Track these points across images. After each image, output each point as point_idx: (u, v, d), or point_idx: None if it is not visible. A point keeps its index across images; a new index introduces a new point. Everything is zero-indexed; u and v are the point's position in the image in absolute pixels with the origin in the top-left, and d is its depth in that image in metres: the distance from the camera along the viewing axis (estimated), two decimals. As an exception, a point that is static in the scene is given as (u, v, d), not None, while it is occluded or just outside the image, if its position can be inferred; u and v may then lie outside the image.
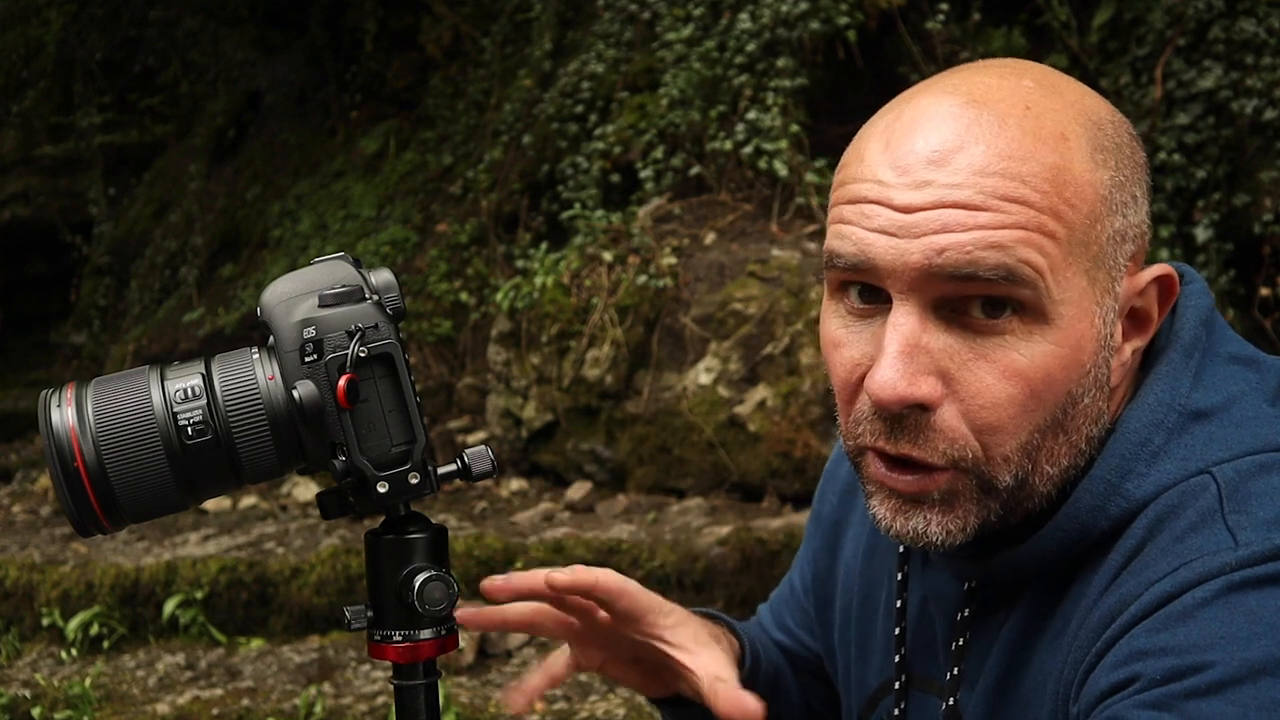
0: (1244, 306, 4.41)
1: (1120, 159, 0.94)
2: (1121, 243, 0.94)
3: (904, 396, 0.91)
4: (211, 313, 7.13)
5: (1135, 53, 4.70)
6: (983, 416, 0.92)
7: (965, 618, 1.05)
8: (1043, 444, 0.93)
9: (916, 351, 0.91)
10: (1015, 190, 0.89)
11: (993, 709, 1.02)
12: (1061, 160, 0.91)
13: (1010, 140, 0.91)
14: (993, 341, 0.91)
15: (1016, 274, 0.89)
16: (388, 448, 0.98)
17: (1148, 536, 0.92)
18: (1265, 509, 0.89)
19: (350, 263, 1.01)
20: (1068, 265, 0.90)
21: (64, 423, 0.95)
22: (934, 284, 0.91)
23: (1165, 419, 0.95)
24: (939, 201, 0.90)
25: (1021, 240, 0.89)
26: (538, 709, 3.63)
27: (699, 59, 5.30)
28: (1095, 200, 0.92)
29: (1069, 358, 0.92)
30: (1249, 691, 0.81)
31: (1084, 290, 0.92)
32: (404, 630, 1.00)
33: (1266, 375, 1.00)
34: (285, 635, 4.30)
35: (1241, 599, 0.85)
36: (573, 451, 5.03)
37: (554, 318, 4.99)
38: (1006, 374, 0.91)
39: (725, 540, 4.11)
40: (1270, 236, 4.32)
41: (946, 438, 0.92)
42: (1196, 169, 4.40)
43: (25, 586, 4.60)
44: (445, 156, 6.85)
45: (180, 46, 8.67)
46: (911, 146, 0.92)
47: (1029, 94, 0.94)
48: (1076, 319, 0.92)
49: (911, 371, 0.91)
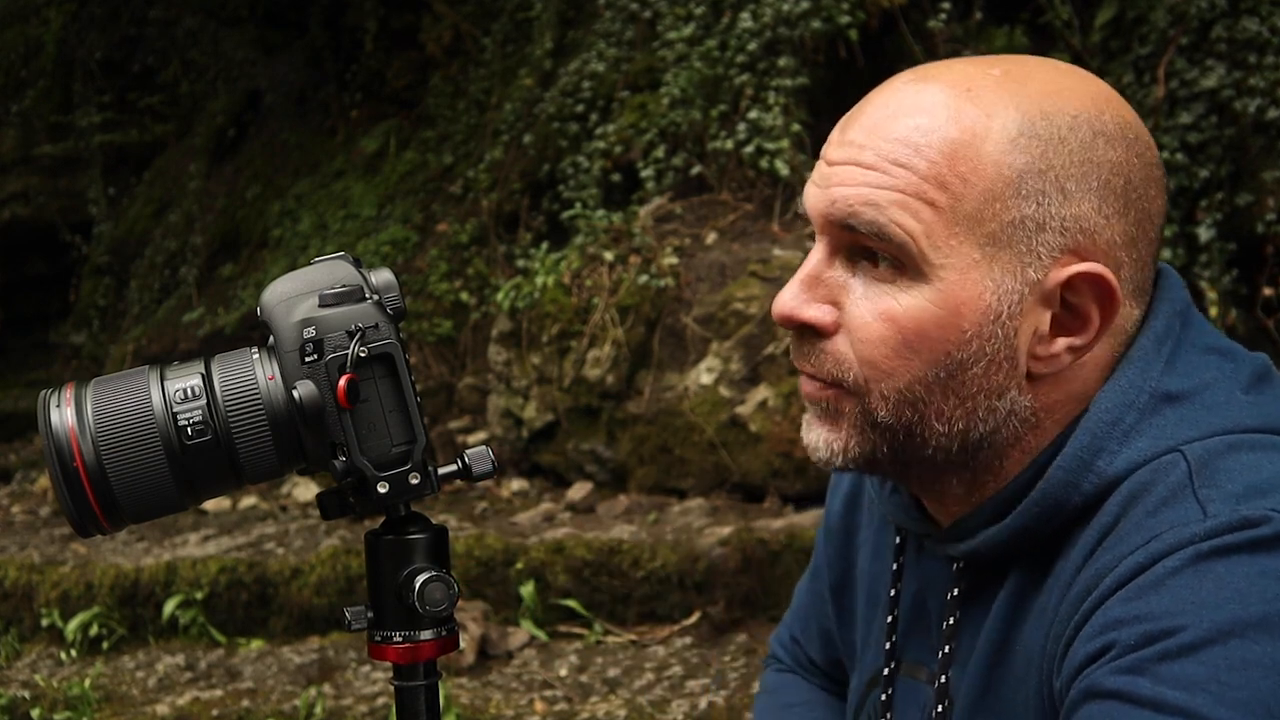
0: (1247, 306, 4.40)
1: (1053, 150, 0.97)
2: (1037, 230, 0.97)
3: (789, 314, 1.05)
4: (211, 313, 7.12)
5: (1137, 52, 4.69)
6: (861, 350, 1.01)
7: (955, 597, 1.09)
8: (927, 398, 1.00)
9: (815, 282, 1.04)
10: (904, 156, 0.97)
11: (984, 686, 1.05)
12: (968, 137, 0.97)
13: (924, 112, 0.98)
14: (879, 287, 1.00)
15: (884, 232, 0.98)
16: (388, 448, 0.98)
17: (1121, 512, 0.96)
18: (1233, 483, 0.93)
19: (350, 262, 1.01)
20: (951, 234, 0.97)
21: (63, 423, 0.95)
22: (832, 229, 1.02)
23: (1137, 399, 1.00)
24: (847, 159, 1.01)
25: (896, 203, 0.97)
26: (538, 709, 3.62)
27: (700, 58, 5.29)
28: (996, 180, 0.97)
29: (944, 319, 0.98)
30: (1218, 652, 0.85)
31: (974, 262, 0.97)
32: (404, 631, 1.00)
33: (1241, 366, 1.04)
34: (285, 636, 4.29)
35: (1210, 567, 0.89)
36: (573, 452, 5.03)
37: (555, 318, 4.98)
38: (882, 316, 1.00)
39: (726, 541, 4.10)
40: (1273, 236, 4.31)
41: (833, 359, 1.03)
42: (1199, 168, 4.39)
43: (24, 587, 4.59)
44: (446, 156, 6.84)
45: (180, 46, 8.66)
46: (860, 114, 1.03)
47: (983, 79, 1.00)
48: (959, 285, 0.97)
49: (805, 297, 1.04)
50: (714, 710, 3.54)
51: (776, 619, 1.50)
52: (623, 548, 4.15)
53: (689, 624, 4.04)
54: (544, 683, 3.79)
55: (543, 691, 3.74)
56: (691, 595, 4.07)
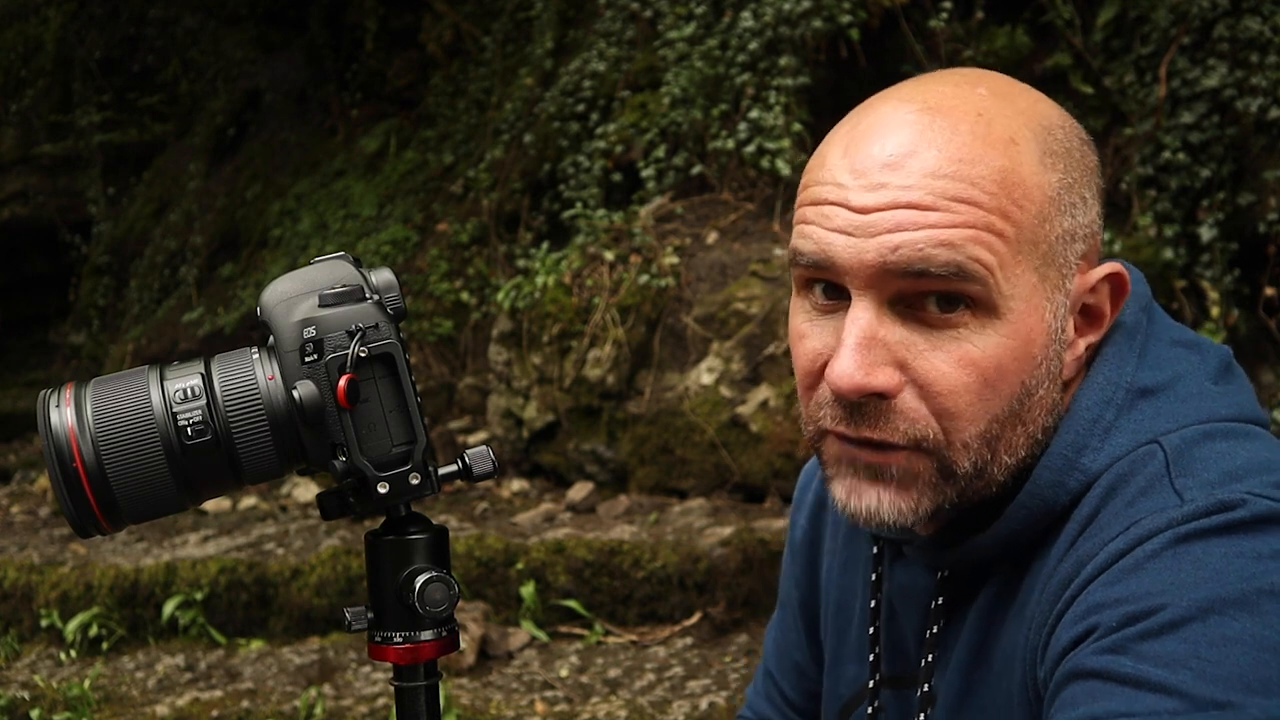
0: (1249, 306, 4.40)
1: (1069, 162, 1.00)
2: (1071, 242, 1.00)
3: (861, 386, 0.97)
4: (211, 312, 7.12)
5: (1139, 51, 4.69)
6: (940, 402, 0.98)
7: (939, 605, 1.09)
8: (1002, 434, 1.00)
9: (873, 344, 0.97)
10: (964, 192, 0.95)
11: (966, 685, 1.06)
12: (1010, 163, 0.96)
13: (961, 145, 0.96)
14: (947, 334, 0.97)
15: (966, 270, 0.95)
16: (388, 448, 0.98)
17: (1101, 504, 0.98)
18: (1209, 470, 0.96)
19: (350, 262, 1.01)
20: (1017, 262, 0.96)
21: (63, 423, 0.95)
22: (889, 280, 0.97)
23: (1115, 396, 1.02)
24: (893, 203, 0.96)
25: (970, 239, 0.95)
26: (539, 710, 3.62)
27: (701, 57, 5.29)
28: (1043, 201, 0.97)
29: (1020, 349, 0.98)
30: (1198, 629, 0.87)
31: (1034, 286, 0.97)
32: (405, 631, 1.00)
33: (1208, 357, 1.06)
34: (285, 636, 4.28)
35: (1188, 549, 0.91)
36: (574, 452, 5.02)
37: (555, 317, 4.97)
38: (961, 363, 0.97)
39: (727, 541, 4.10)
40: (1275, 236, 4.31)
41: (908, 418, 0.98)
42: (1201, 168, 4.39)
43: (24, 588, 4.58)
44: (446, 155, 6.84)
45: (180, 45, 8.66)
46: (868, 151, 0.98)
47: (981, 101, 0.99)
48: (1026, 313, 0.97)
49: (869, 363, 0.97)
50: (715, 711, 3.54)
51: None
52: (623, 548, 4.15)
53: (690, 624, 4.04)
54: (544, 683, 3.79)
55: (543, 692, 3.73)
56: (692, 596, 4.06)
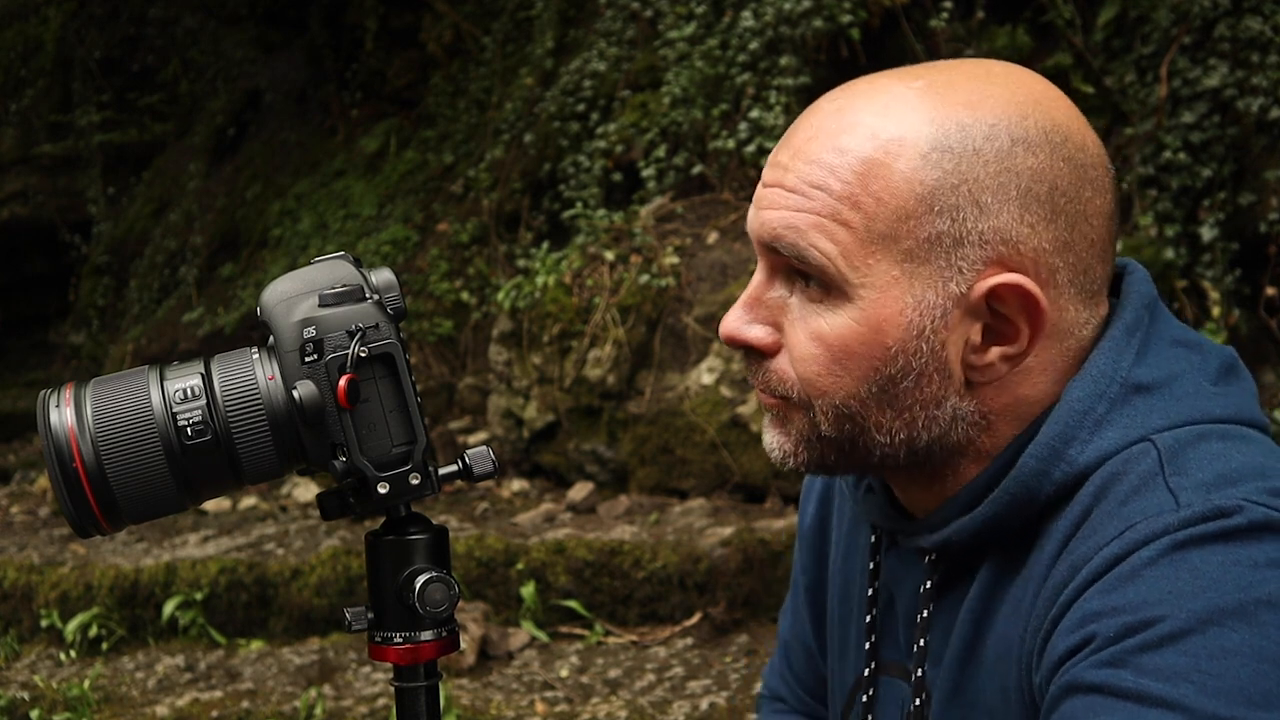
0: (1250, 306, 4.40)
1: (967, 163, 0.97)
2: (955, 245, 0.98)
3: (732, 335, 1.06)
4: (211, 312, 7.12)
5: (1140, 51, 4.69)
6: (799, 369, 1.04)
7: (928, 590, 1.10)
8: (864, 412, 1.03)
9: (756, 303, 1.06)
10: (820, 178, 0.99)
11: (958, 680, 1.06)
12: (881, 155, 0.98)
13: (839, 133, 1.00)
14: (810, 308, 1.03)
15: (804, 256, 1.00)
16: (388, 448, 0.98)
17: (1094, 503, 0.97)
18: (1204, 471, 0.94)
19: (350, 262, 1.01)
20: (867, 253, 0.98)
21: (63, 423, 0.95)
22: (765, 251, 1.04)
23: (1108, 390, 1.00)
24: (776, 182, 1.03)
25: (814, 225, 0.99)
26: (539, 710, 3.61)
27: (701, 57, 5.29)
28: (908, 198, 0.97)
29: (868, 337, 1.00)
30: (1198, 641, 0.86)
31: (894, 279, 0.99)
32: (405, 632, 1.00)
33: (1208, 358, 1.05)
34: (285, 637, 4.28)
35: (1185, 557, 0.90)
36: (574, 452, 5.02)
37: (555, 317, 4.97)
38: (811, 336, 1.02)
39: (728, 541, 4.09)
40: (1276, 236, 4.30)
41: (777, 377, 1.06)
42: (1202, 168, 4.38)
43: (24, 588, 4.58)
44: (446, 155, 6.84)
45: (180, 45, 8.66)
46: (789, 136, 1.05)
47: (902, 94, 1.01)
48: (880, 303, 0.99)
49: (748, 319, 1.06)
50: (715, 711, 3.53)
51: (778, 619, 1.50)
52: (624, 548, 4.15)
53: (690, 625, 4.03)
54: (545, 684, 3.79)
55: (543, 692, 3.73)
56: (693, 596, 4.06)
